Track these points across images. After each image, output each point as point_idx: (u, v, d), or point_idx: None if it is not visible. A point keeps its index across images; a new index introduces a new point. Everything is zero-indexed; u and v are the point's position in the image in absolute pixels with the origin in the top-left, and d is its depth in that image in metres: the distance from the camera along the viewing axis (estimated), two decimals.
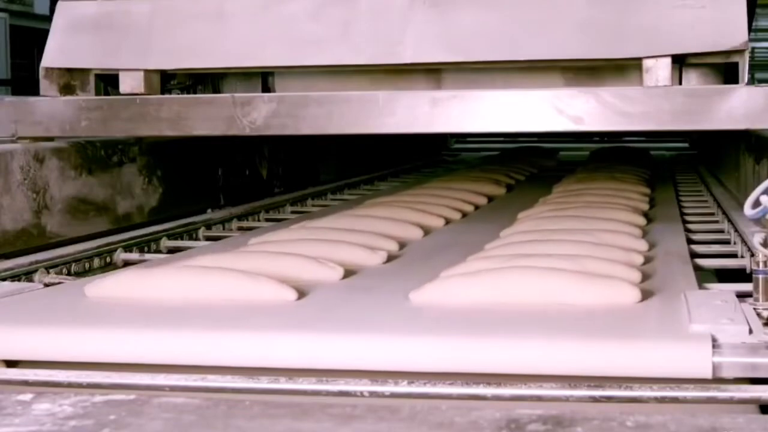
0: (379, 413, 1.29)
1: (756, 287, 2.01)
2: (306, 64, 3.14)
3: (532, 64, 3.04)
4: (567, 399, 1.56)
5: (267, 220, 3.94)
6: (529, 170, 5.48)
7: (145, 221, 3.41)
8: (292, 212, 4.17)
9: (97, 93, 3.34)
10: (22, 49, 11.36)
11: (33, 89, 3.44)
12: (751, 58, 5.08)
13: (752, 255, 2.37)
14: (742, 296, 1.98)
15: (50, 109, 3.12)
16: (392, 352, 1.73)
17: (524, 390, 1.57)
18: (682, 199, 4.15)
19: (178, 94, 3.62)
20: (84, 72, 3.29)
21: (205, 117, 3.02)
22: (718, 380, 1.59)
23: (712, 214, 3.69)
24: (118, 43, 3.22)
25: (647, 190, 3.99)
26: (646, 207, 3.49)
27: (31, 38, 11.08)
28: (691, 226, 3.33)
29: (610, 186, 3.91)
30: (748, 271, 2.59)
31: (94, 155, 3.22)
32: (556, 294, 1.99)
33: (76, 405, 1.34)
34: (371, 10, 3.05)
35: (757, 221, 2.23)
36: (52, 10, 3.43)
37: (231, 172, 4.12)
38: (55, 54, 3.26)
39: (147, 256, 3.05)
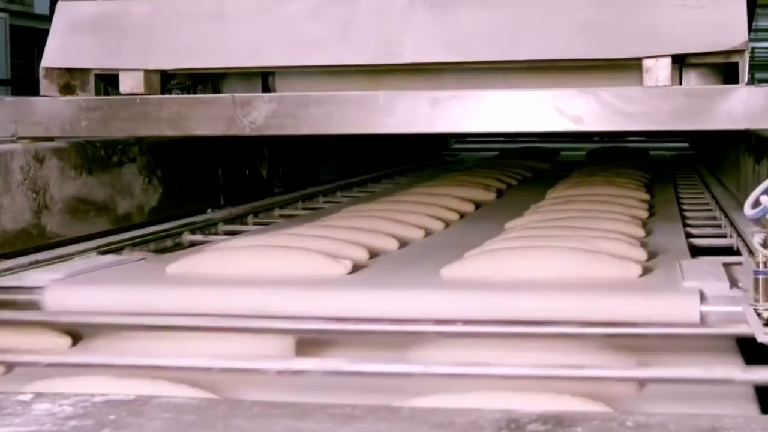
0: (379, 413, 1.29)
1: (756, 287, 2.01)
2: (306, 64, 3.14)
3: (532, 64, 3.04)
4: (583, 335, 1.92)
5: (257, 222, 3.96)
6: (522, 174, 5.28)
7: (145, 221, 3.41)
8: (280, 216, 4.07)
9: (97, 93, 3.34)
10: (22, 49, 11.35)
11: (33, 89, 3.43)
12: (751, 58, 5.08)
13: (752, 255, 2.37)
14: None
15: (50, 109, 3.12)
16: (445, 303, 2.09)
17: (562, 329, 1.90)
18: (683, 204, 4.08)
19: (178, 94, 3.62)
20: (84, 72, 3.29)
21: (205, 117, 3.01)
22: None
23: (714, 218, 3.67)
24: (118, 43, 3.22)
25: (646, 196, 3.82)
26: (644, 215, 3.37)
27: (31, 38, 11.08)
28: (692, 230, 3.31)
29: (607, 192, 3.76)
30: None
31: (94, 155, 3.22)
32: (570, 268, 2.29)
33: (76, 405, 1.34)
34: (371, 10, 3.05)
35: (757, 221, 2.23)
36: (52, 10, 3.42)
37: (231, 172, 4.12)
38: (55, 54, 3.26)
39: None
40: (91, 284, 2.33)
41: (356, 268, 2.47)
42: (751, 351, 1.89)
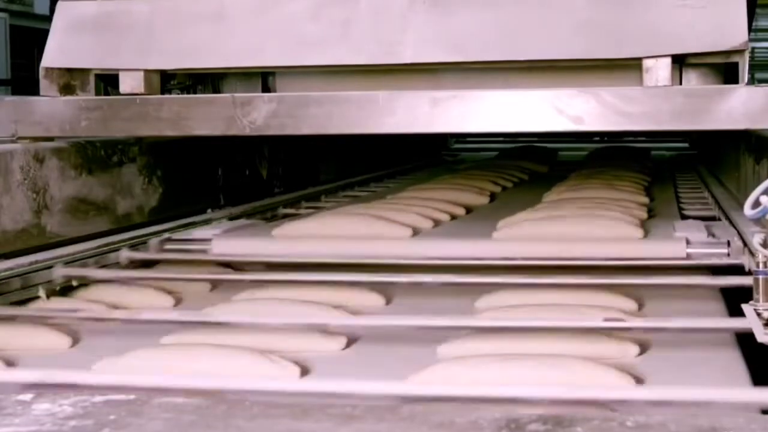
0: (379, 413, 1.29)
1: (756, 288, 2.01)
2: (306, 64, 3.14)
3: (532, 64, 3.04)
4: (602, 259, 2.77)
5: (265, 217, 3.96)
6: (518, 176, 5.13)
7: (145, 221, 3.41)
8: (285, 214, 4.14)
9: (97, 93, 3.33)
10: (22, 49, 11.35)
11: (33, 89, 3.43)
12: (751, 58, 5.08)
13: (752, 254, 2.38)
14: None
15: (50, 109, 3.12)
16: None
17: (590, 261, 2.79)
18: (683, 205, 4.09)
19: (178, 94, 3.62)
20: (84, 72, 3.29)
21: (205, 117, 3.01)
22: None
23: (714, 218, 3.67)
24: (118, 43, 3.22)
25: (645, 200, 3.80)
26: (644, 215, 3.40)
27: (31, 38, 11.08)
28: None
29: (604, 196, 3.71)
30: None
31: (94, 155, 3.21)
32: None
33: (76, 405, 1.34)
34: (371, 10, 3.05)
35: (757, 221, 2.23)
36: (52, 10, 3.42)
37: (231, 172, 4.12)
38: (55, 54, 3.26)
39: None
40: (238, 238, 3.26)
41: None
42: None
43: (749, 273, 2.49)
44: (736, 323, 2.06)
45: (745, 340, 2.03)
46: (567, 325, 2.12)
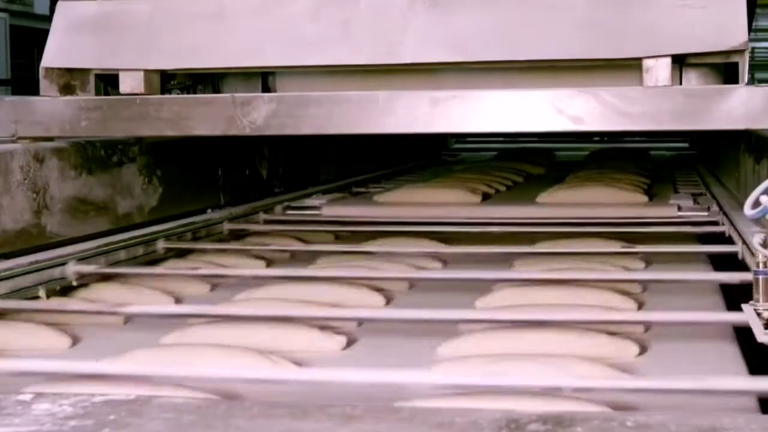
0: (378, 413, 1.29)
1: (756, 288, 2.02)
2: (306, 64, 3.14)
3: (532, 64, 3.04)
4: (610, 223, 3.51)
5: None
6: (512, 179, 5.05)
7: (145, 221, 3.41)
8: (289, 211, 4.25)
9: (97, 93, 3.33)
10: (22, 49, 11.35)
11: (33, 89, 3.43)
12: (751, 58, 5.08)
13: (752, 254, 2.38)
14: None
15: (50, 109, 3.12)
16: None
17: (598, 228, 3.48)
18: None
19: (178, 94, 3.62)
20: (84, 72, 3.29)
21: (205, 117, 3.01)
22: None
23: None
24: (118, 43, 3.22)
25: (644, 198, 4.09)
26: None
27: (31, 38, 11.08)
28: None
29: (601, 200, 3.99)
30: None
31: (94, 155, 3.21)
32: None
33: (76, 405, 1.34)
34: (371, 10, 3.05)
35: (757, 221, 2.23)
36: (52, 10, 3.42)
37: (231, 172, 4.12)
38: (55, 54, 3.26)
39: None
40: (341, 205, 4.22)
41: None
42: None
43: (730, 239, 3.13)
44: (735, 317, 2.09)
45: (743, 335, 2.04)
46: (571, 319, 2.17)
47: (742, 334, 2.06)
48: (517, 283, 2.61)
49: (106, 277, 2.86)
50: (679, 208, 3.79)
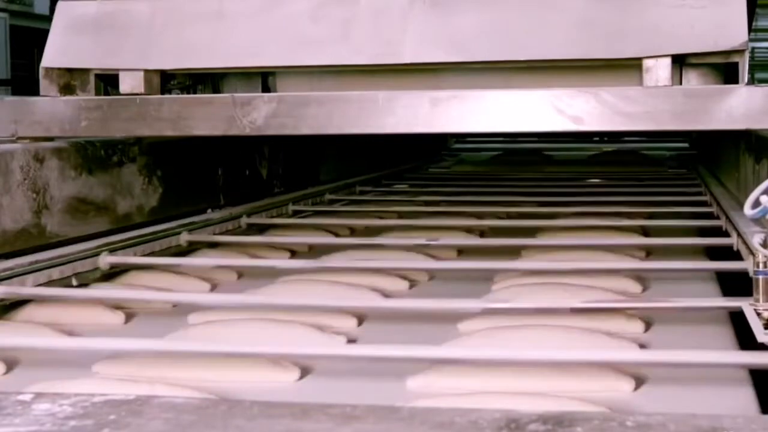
0: (379, 413, 1.29)
1: (756, 288, 2.02)
2: (306, 64, 3.14)
3: (532, 64, 3.04)
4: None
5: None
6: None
7: (145, 221, 3.41)
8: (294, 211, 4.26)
9: (97, 93, 3.33)
10: (22, 49, 11.35)
11: (33, 89, 3.43)
12: (751, 58, 5.08)
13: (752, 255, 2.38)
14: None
15: (50, 109, 3.12)
16: None
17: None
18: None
19: (178, 94, 3.62)
20: (84, 72, 3.29)
21: (205, 117, 3.01)
22: None
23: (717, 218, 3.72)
24: (118, 43, 3.22)
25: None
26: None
27: (31, 38, 11.08)
28: None
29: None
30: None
31: (94, 155, 3.21)
32: None
33: (76, 405, 1.34)
34: (371, 10, 3.05)
35: (757, 221, 2.23)
36: (52, 10, 3.42)
37: (231, 172, 4.12)
38: (55, 54, 3.26)
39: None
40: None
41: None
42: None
43: (726, 233, 3.17)
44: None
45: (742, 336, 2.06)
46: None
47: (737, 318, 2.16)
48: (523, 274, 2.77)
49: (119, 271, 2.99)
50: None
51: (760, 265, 2.02)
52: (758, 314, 1.96)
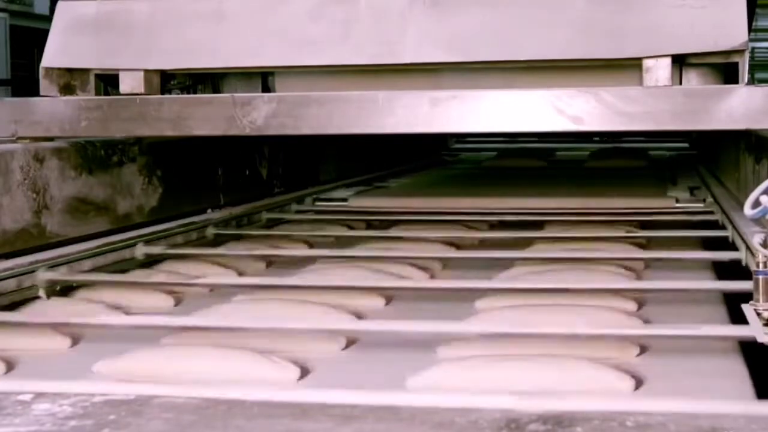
0: (379, 413, 1.29)
1: (756, 288, 2.02)
2: (306, 64, 3.14)
3: (532, 64, 3.04)
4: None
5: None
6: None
7: (145, 221, 3.41)
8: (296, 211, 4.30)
9: (97, 93, 3.33)
10: (22, 49, 11.34)
11: (33, 89, 3.43)
12: (751, 58, 5.08)
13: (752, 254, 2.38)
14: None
15: (50, 109, 3.12)
16: None
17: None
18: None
19: (178, 94, 3.62)
20: (84, 72, 3.29)
21: (205, 117, 3.01)
22: None
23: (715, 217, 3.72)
24: (118, 43, 3.22)
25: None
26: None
27: (31, 38, 11.07)
28: None
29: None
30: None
31: (94, 155, 3.21)
32: None
33: (76, 405, 1.34)
34: (371, 10, 3.05)
35: (757, 221, 2.23)
36: (52, 10, 3.42)
37: (231, 172, 4.12)
38: (55, 54, 3.26)
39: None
40: (365, 197, 4.68)
41: None
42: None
43: (722, 226, 3.40)
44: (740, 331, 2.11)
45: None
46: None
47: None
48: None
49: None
50: (677, 200, 4.24)
51: (760, 265, 2.02)
52: (758, 314, 1.96)
